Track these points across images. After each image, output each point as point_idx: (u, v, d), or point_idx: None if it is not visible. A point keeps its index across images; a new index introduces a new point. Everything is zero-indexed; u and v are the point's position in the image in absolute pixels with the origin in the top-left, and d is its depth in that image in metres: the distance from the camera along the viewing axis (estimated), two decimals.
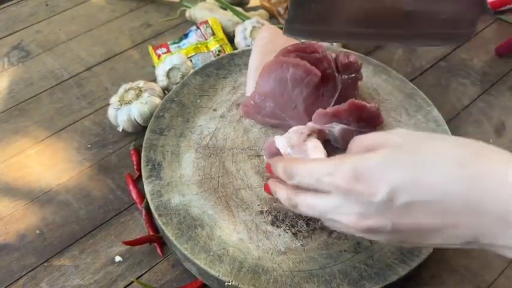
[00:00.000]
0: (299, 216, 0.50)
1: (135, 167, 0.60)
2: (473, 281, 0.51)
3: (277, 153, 0.51)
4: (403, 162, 0.34)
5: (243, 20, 0.76)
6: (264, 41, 0.64)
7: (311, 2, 0.41)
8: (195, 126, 0.60)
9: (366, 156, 0.35)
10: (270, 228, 0.50)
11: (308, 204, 0.39)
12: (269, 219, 0.51)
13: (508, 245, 0.33)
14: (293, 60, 0.54)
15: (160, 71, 0.67)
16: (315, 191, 0.38)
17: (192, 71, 0.66)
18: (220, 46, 0.72)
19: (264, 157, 0.55)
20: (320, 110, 0.53)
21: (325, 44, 0.70)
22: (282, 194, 0.41)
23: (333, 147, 0.55)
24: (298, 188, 0.40)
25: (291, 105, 0.55)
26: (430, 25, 0.44)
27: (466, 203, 0.33)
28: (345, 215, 0.36)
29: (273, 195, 0.44)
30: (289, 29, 0.43)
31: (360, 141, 0.39)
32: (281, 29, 0.77)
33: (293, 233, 0.49)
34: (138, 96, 0.63)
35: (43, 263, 0.52)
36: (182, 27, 0.80)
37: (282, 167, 0.40)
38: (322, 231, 0.50)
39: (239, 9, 0.79)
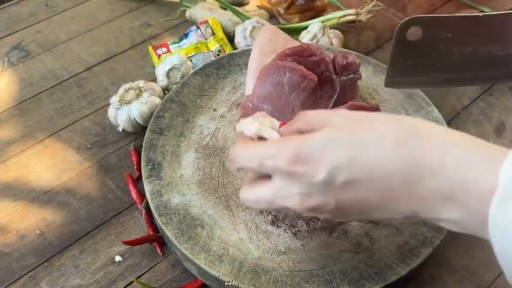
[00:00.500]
0: (299, 216, 0.50)
1: (135, 167, 0.60)
2: (473, 281, 0.51)
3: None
4: (342, 142, 0.35)
5: (243, 20, 0.76)
6: (263, 41, 0.64)
7: (409, 57, 0.44)
8: (195, 126, 0.60)
9: (306, 137, 0.36)
10: (270, 228, 0.50)
11: (254, 196, 0.40)
12: (269, 219, 0.51)
13: (447, 218, 0.33)
14: (290, 64, 0.54)
15: (160, 71, 0.67)
16: (257, 180, 0.39)
17: (192, 71, 0.66)
18: (220, 46, 0.72)
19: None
20: None
21: (324, 45, 0.70)
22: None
23: None
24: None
25: (288, 108, 0.55)
26: (506, 65, 0.47)
27: (405, 179, 0.34)
28: (289, 197, 0.37)
29: None
30: (391, 83, 0.46)
31: (305, 116, 0.39)
32: (281, 29, 0.77)
33: (293, 233, 0.49)
34: (138, 96, 0.63)
35: (43, 263, 0.52)
36: (182, 27, 0.80)
37: (230, 154, 0.41)
38: (322, 231, 0.50)
39: (239, 9, 0.79)
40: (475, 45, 0.45)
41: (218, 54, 0.71)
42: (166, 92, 0.67)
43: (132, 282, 0.50)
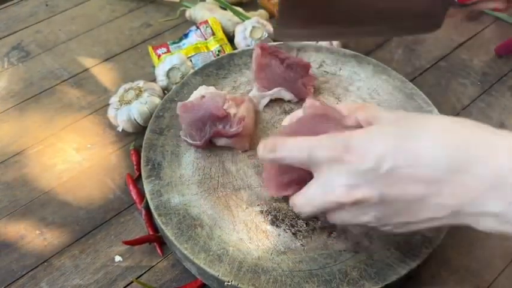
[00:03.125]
0: (299, 216, 0.50)
1: (135, 167, 0.60)
2: (473, 281, 0.51)
3: None
4: (389, 132, 0.36)
5: (243, 20, 0.76)
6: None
7: (297, 8, 0.44)
8: None
9: (356, 131, 0.38)
10: (269, 228, 0.50)
11: (304, 198, 0.41)
12: (269, 219, 0.51)
13: (490, 211, 0.33)
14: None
15: (160, 71, 0.67)
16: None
17: (191, 71, 0.66)
18: (220, 46, 0.72)
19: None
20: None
21: (324, 45, 0.70)
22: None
23: None
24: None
25: None
26: (402, 18, 0.48)
27: (452, 167, 0.33)
28: (336, 189, 0.37)
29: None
30: (279, 35, 0.47)
31: (354, 108, 0.42)
32: None
33: (293, 233, 0.49)
34: (138, 96, 0.63)
35: (43, 263, 0.52)
36: (182, 27, 0.80)
37: (265, 143, 0.42)
38: (322, 231, 0.50)
39: (239, 9, 0.79)
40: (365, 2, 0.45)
41: (218, 55, 0.71)
42: (166, 92, 0.67)
43: (132, 282, 0.50)
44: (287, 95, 0.61)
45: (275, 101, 0.62)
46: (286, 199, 0.49)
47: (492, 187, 0.32)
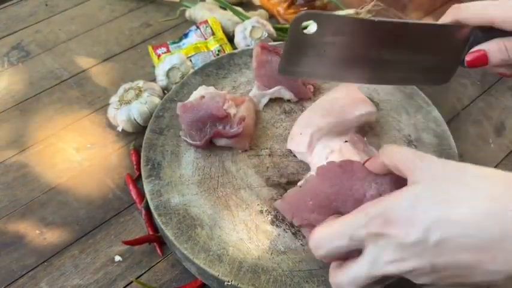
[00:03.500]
0: None
1: (134, 166, 0.60)
2: None
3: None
4: (432, 201, 0.35)
5: (243, 20, 0.76)
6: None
7: (302, 49, 0.45)
8: None
9: (393, 198, 0.36)
10: (269, 227, 0.50)
11: (349, 278, 0.38)
12: (269, 219, 0.51)
13: None
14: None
15: (160, 71, 0.67)
16: (344, 262, 0.39)
17: (191, 70, 0.66)
18: (220, 46, 0.72)
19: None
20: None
21: None
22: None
23: None
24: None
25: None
26: (409, 71, 0.48)
27: (502, 234, 0.33)
28: (385, 266, 0.36)
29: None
30: (282, 70, 0.48)
31: (391, 154, 0.40)
32: (279, 29, 0.77)
33: (293, 233, 0.49)
34: (137, 96, 0.63)
35: (43, 262, 0.52)
36: (182, 27, 0.80)
37: (310, 241, 0.40)
38: None
39: (239, 9, 0.79)
40: (367, 47, 0.46)
41: (218, 54, 0.71)
42: (166, 91, 0.67)
43: (132, 282, 0.50)
44: (287, 94, 0.61)
45: (275, 101, 0.62)
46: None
47: None
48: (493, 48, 0.44)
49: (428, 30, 0.45)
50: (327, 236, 0.38)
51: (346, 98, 0.57)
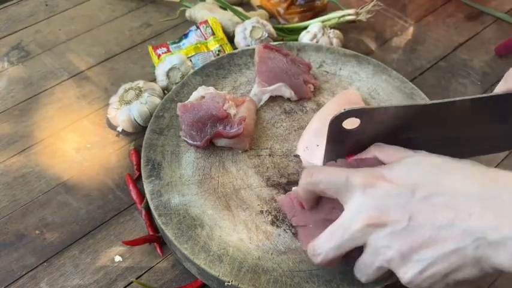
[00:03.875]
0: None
1: (135, 167, 0.60)
2: (473, 281, 0.50)
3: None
4: (426, 168, 0.39)
5: (243, 20, 0.76)
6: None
7: (345, 143, 0.45)
8: None
9: (394, 163, 0.40)
10: (270, 228, 0.50)
11: (328, 230, 0.40)
12: (269, 219, 0.51)
13: None
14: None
15: (160, 71, 0.67)
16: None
17: (191, 70, 0.66)
18: (220, 46, 0.72)
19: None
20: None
21: (324, 44, 0.70)
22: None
23: None
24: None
25: None
26: (456, 144, 0.47)
27: (482, 194, 0.35)
28: (365, 210, 0.38)
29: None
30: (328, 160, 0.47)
31: (384, 148, 0.43)
32: (279, 30, 0.77)
33: (293, 233, 0.49)
34: (138, 96, 0.62)
35: (43, 263, 0.52)
36: (182, 27, 0.80)
37: (306, 172, 0.43)
38: None
39: (239, 9, 0.79)
40: (415, 130, 0.44)
41: (218, 54, 0.71)
42: (166, 92, 0.67)
43: (132, 282, 0.50)
44: (287, 92, 0.61)
45: (275, 101, 0.62)
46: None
47: None
48: None
49: (486, 103, 0.43)
50: (327, 169, 0.42)
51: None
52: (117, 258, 0.52)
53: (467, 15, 0.84)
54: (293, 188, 0.48)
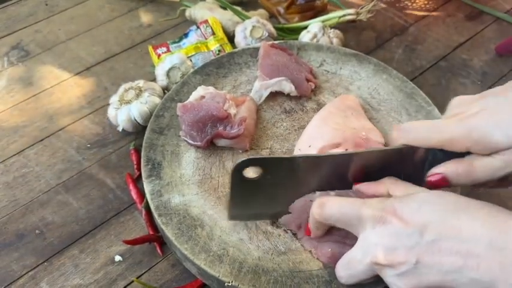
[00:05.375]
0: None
1: (135, 166, 0.60)
2: None
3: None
4: (437, 205, 0.38)
5: (243, 20, 0.76)
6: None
7: (248, 193, 0.46)
8: None
9: (405, 197, 0.40)
10: (270, 228, 0.50)
11: (343, 259, 0.43)
12: None
13: None
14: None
15: (160, 71, 0.67)
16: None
17: (192, 70, 0.66)
18: (220, 46, 0.72)
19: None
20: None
21: (324, 44, 0.70)
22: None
23: None
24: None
25: None
26: None
27: (492, 243, 0.34)
28: (375, 248, 0.38)
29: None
30: (233, 216, 0.49)
31: (396, 182, 0.44)
32: (279, 29, 0.77)
33: (293, 233, 0.49)
34: (138, 95, 0.62)
35: (43, 262, 0.52)
36: (182, 27, 0.80)
37: (317, 201, 0.43)
38: None
39: (239, 8, 0.79)
40: (316, 181, 0.46)
41: (218, 54, 0.71)
42: (166, 91, 0.66)
43: (132, 282, 0.50)
44: (287, 86, 0.61)
45: (275, 101, 0.62)
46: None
47: None
48: (451, 170, 0.41)
49: (381, 157, 0.44)
50: (339, 201, 0.42)
51: (357, 122, 0.56)
52: (117, 258, 0.52)
53: (467, 15, 0.84)
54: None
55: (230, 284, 0.45)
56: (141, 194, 0.57)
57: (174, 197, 0.52)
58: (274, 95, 0.62)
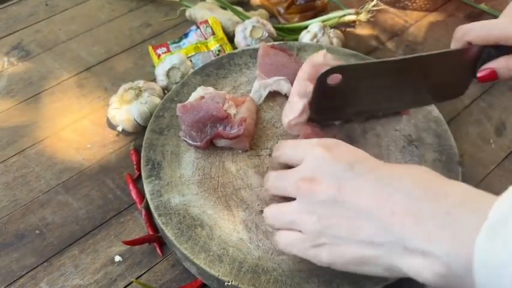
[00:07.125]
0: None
1: (134, 166, 0.60)
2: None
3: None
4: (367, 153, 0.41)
5: (243, 20, 0.76)
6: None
7: (329, 99, 0.51)
8: None
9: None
10: (270, 228, 0.50)
11: (275, 179, 0.45)
12: None
13: (433, 251, 0.33)
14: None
15: (160, 71, 0.67)
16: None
17: (191, 70, 0.66)
18: (220, 46, 0.72)
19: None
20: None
21: (324, 44, 0.70)
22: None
23: None
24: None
25: None
26: (429, 93, 0.53)
27: (410, 193, 0.36)
28: (305, 173, 0.41)
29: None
30: (313, 120, 0.54)
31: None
32: (279, 29, 0.77)
33: None
34: (137, 96, 0.62)
35: (43, 263, 0.52)
36: (182, 27, 0.80)
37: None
38: None
39: (239, 8, 0.79)
40: (392, 85, 0.50)
41: (218, 54, 0.71)
42: (166, 91, 0.66)
43: (132, 282, 0.50)
44: (285, 87, 0.61)
45: (275, 101, 0.62)
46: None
47: (439, 226, 0.32)
48: (501, 66, 0.46)
49: (442, 58, 0.49)
50: (286, 144, 0.47)
51: None
52: (117, 258, 0.52)
53: (467, 15, 0.84)
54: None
55: (230, 284, 0.45)
56: (141, 194, 0.57)
57: (173, 197, 0.52)
58: (274, 95, 0.62)
